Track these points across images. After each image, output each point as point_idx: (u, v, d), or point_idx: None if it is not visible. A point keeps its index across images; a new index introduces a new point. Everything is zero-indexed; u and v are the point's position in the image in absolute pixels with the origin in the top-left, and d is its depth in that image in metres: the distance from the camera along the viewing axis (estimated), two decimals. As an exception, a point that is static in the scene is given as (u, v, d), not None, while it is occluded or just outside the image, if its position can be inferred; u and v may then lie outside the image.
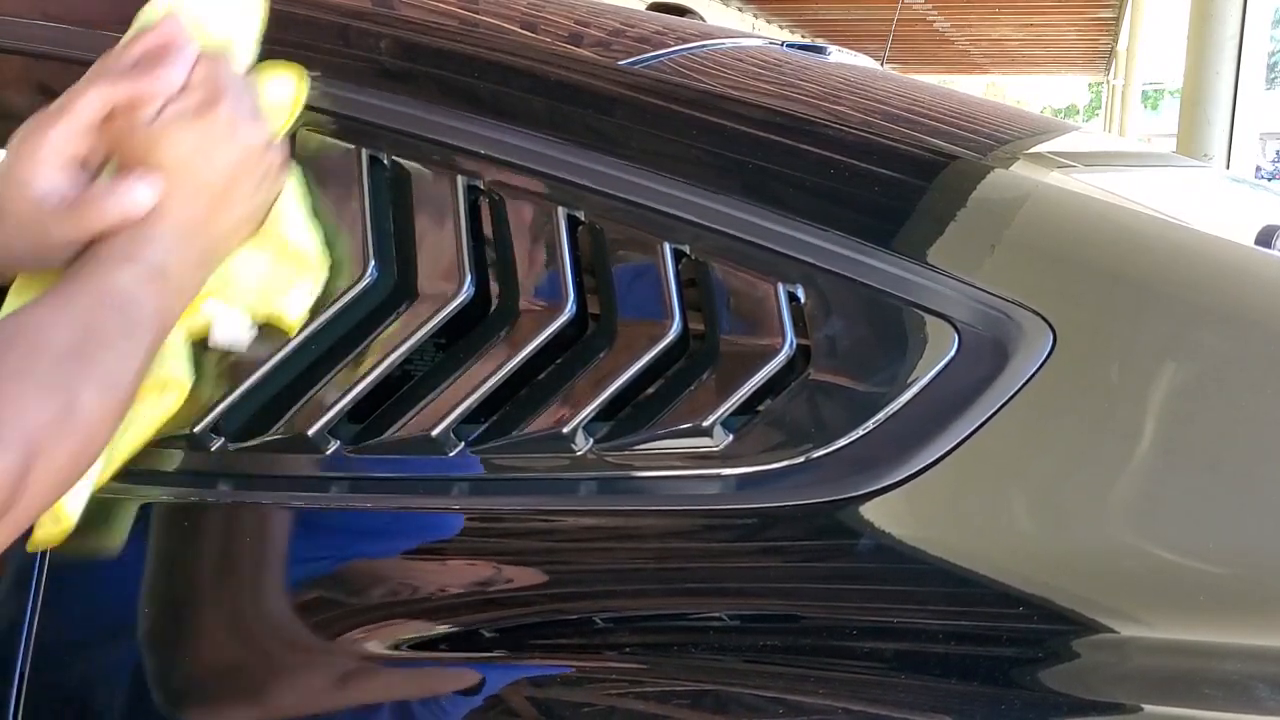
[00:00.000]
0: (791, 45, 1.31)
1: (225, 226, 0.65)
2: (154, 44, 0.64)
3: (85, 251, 0.62)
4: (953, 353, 0.67)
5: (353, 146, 0.74)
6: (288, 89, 0.72)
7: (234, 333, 0.70)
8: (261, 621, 0.73)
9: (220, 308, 0.69)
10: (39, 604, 0.73)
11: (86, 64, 0.66)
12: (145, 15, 0.68)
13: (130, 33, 0.67)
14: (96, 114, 0.62)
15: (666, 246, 0.71)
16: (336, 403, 0.72)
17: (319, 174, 0.75)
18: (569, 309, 0.71)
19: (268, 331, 0.72)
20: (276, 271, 0.71)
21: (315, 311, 0.73)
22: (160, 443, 0.72)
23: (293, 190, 0.71)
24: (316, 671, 0.72)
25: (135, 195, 0.62)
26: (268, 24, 0.74)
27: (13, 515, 0.52)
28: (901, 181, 0.77)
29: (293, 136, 0.73)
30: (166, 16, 0.67)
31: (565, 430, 0.70)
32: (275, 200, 0.70)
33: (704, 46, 1.02)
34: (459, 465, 0.72)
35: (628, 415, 0.72)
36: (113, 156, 0.64)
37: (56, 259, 0.63)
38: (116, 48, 0.65)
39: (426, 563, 0.73)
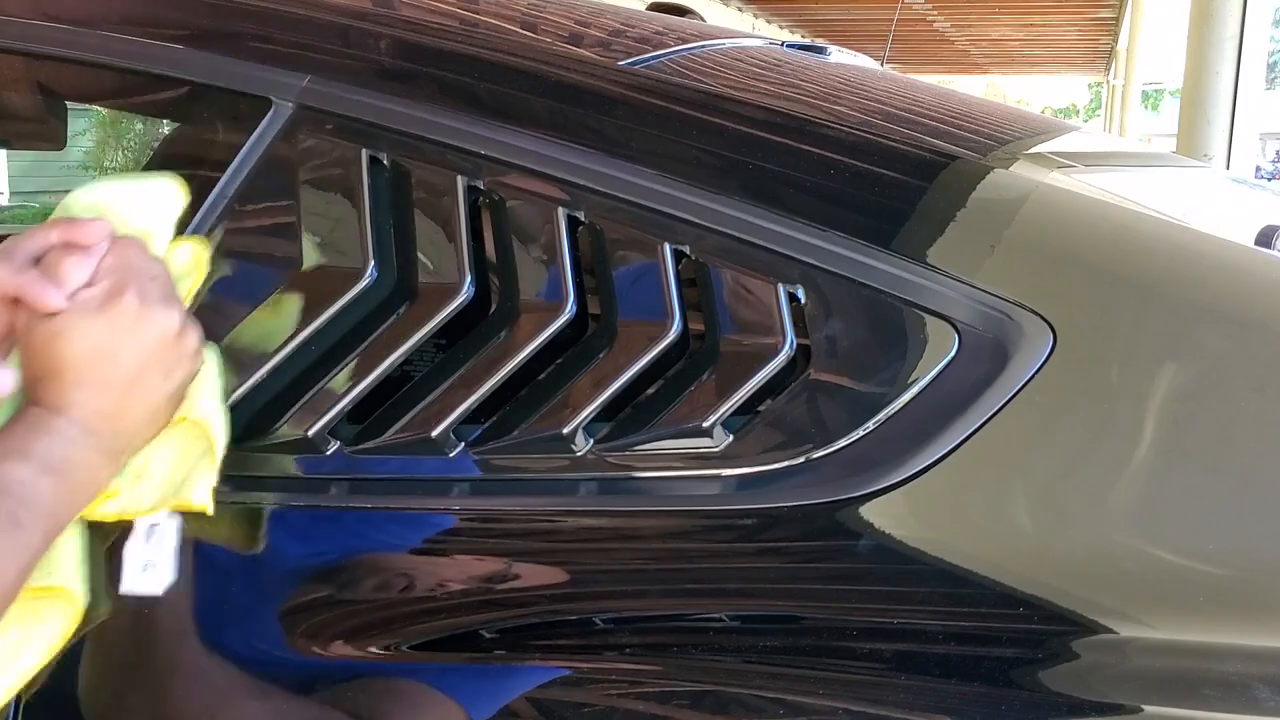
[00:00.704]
0: (791, 45, 1.31)
1: (136, 417, 0.62)
2: (64, 236, 0.62)
3: None
4: (953, 353, 0.67)
5: (353, 147, 0.74)
6: (188, 256, 0.69)
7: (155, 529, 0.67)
8: (261, 621, 0.73)
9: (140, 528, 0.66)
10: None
11: (85, 63, 0.66)
12: (66, 204, 0.66)
13: (50, 218, 0.65)
14: None
15: (667, 247, 0.71)
16: (337, 403, 0.72)
17: (319, 174, 0.75)
18: (569, 309, 0.71)
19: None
20: (186, 456, 0.68)
21: (316, 311, 0.73)
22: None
23: (209, 369, 0.68)
24: (317, 672, 0.72)
25: None
26: (269, 27, 0.73)
27: None
28: (902, 182, 0.77)
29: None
30: (83, 209, 0.65)
31: (565, 430, 0.70)
32: (188, 383, 0.66)
33: (704, 46, 1.02)
34: (459, 466, 0.72)
35: (628, 415, 0.72)
36: (17, 345, 0.62)
37: None
38: (28, 232, 0.63)
39: (426, 564, 0.73)
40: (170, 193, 0.69)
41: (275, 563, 0.74)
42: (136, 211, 0.66)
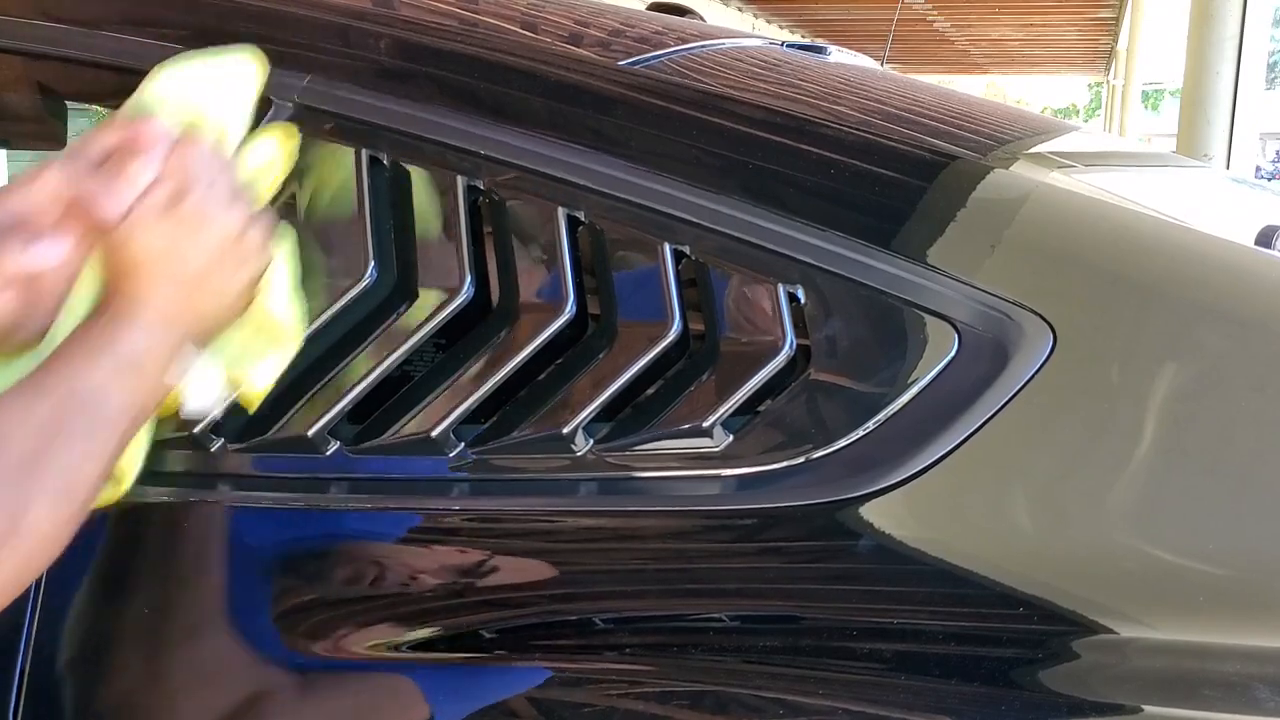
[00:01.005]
0: (791, 45, 1.31)
1: (206, 312, 0.64)
2: (127, 137, 0.62)
3: (58, 347, 0.61)
4: (953, 353, 0.67)
5: (353, 147, 0.74)
6: (272, 149, 0.70)
7: (206, 399, 0.68)
8: (261, 622, 0.73)
9: (194, 372, 0.67)
10: (39, 604, 0.73)
11: (85, 63, 0.66)
12: (139, 94, 0.67)
13: (122, 108, 0.66)
14: (49, 197, 0.61)
15: (666, 247, 0.71)
16: (337, 403, 0.72)
17: (320, 174, 0.75)
18: (569, 309, 0.71)
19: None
20: (252, 342, 0.69)
21: (315, 312, 0.73)
22: (160, 443, 0.72)
23: (281, 260, 0.69)
24: (316, 671, 0.72)
25: (36, 250, 0.60)
26: (270, 26, 0.73)
27: None
28: (902, 182, 0.77)
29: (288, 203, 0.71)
30: (146, 109, 0.65)
31: (565, 431, 0.70)
32: (261, 275, 0.67)
33: (704, 46, 1.02)
34: (458, 465, 0.72)
35: (628, 416, 0.72)
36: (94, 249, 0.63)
37: None
38: (93, 132, 0.64)
39: (426, 563, 0.73)
40: (247, 74, 0.69)
41: (272, 562, 0.74)
42: (209, 100, 0.67)
